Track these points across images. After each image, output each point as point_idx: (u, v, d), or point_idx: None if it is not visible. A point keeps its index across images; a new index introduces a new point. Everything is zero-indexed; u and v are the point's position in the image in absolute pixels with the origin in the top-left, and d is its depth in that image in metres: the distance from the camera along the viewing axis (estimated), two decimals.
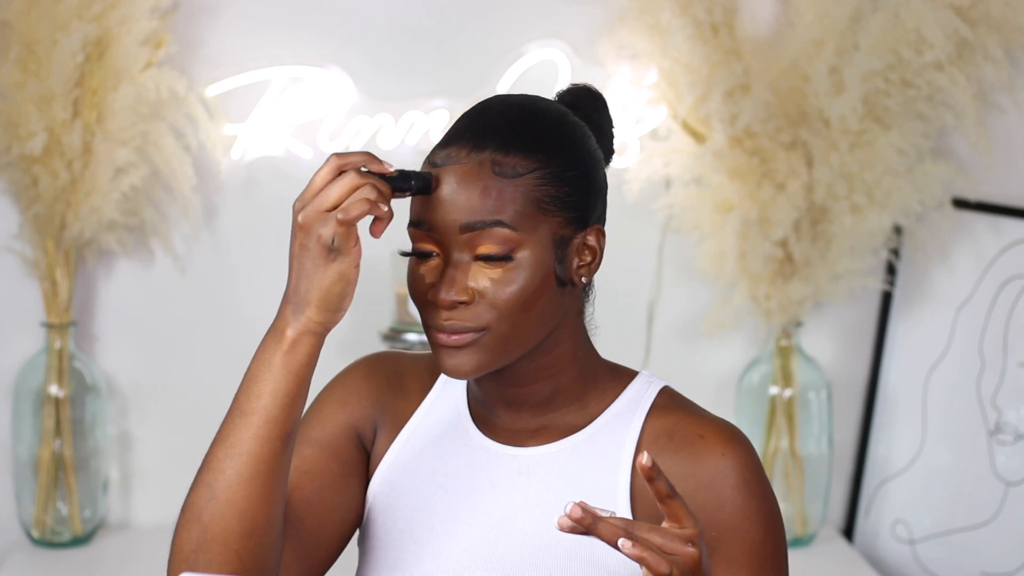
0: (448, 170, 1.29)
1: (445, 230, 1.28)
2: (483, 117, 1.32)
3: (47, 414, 2.46)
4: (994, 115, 2.54)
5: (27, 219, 2.42)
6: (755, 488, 1.30)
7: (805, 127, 2.47)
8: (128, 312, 2.59)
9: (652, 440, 1.33)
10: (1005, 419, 2.45)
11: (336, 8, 2.56)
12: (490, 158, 1.28)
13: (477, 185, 1.27)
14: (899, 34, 2.40)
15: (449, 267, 1.29)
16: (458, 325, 1.28)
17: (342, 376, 1.46)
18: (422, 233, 1.31)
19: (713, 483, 1.29)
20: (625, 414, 1.35)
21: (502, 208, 1.27)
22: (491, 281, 1.28)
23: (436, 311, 1.29)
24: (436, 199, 1.29)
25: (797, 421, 2.57)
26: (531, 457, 1.35)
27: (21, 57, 2.36)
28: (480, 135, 1.30)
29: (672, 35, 2.46)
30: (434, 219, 1.29)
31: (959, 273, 2.58)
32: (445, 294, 1.28)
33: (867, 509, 2.70)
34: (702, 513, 1.28)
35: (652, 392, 1.37)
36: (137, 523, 2.64)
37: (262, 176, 2.58)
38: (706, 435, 1.31)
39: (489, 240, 1.27)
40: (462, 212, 1.27)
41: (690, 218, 2.56)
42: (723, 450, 1.30)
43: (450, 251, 1.29)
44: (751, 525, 1.29)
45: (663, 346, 2.68)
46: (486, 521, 1.33)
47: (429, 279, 1.30)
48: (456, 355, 1.29)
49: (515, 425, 1.37)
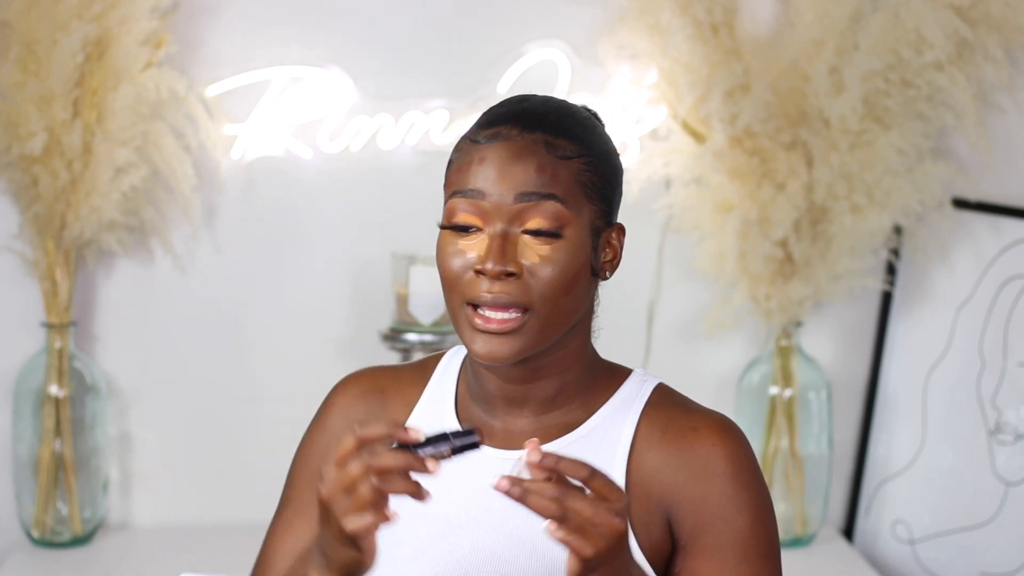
0: (499, 145, 1.29)
1: (498, 199, 1.27)
2: (526, 105, 1.33)
3: (47, 414, 2.46)
4: (994, 115, 2.54)
5: (27, 219, 2.42)
6: (745, 477, 1.31)
7: (805, 127, 2.48)
8: (128, 312, 2.59)
9: (647, 434, 1.33)
10: (1005, 419, 2.45)
11: (336, 8, 2.56)
12: (543, 138, 1.29)
13: (532, 160, 1.28)
14: (899, 34, 2.40)
15: (497, 238, 1.27)
16: (503, 298, 1.26)
17: (320, 419, 1.44)
18: (469, 203, 1.28)
19: (703, 473, 1.30)
20: (619, 412, 1.35)
21: (556, 184, 1.28)
22: (539, 257, 1.27)
23: (478, 283, 1.27)
24: (487, 170, 1.28)
25: (797, 421, 2.57)
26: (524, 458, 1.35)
27: (21, 57, 2.35)
28: (529, 118, 1.30)
29: (672, 35, 2.46)
30: (486, 187, 1.28)
31: (959, 273, 2.58)
32: (494, 264, 1.26)
33: (867, 509, 2.70)
34: (691, 502, 1.30)
35: (647, 390, 1.37)
36: (137, 523, 2.64)
37: (262, 176, 2.58)
38: (698, 427, 1.33)
39: (541, 214, 1.27)
40: (518, 182, 1.27)
41: (690, 218, 2.56)
42: (714, 440, 1.32)
43: (498, 222, 1.27)
44: (738, 513, 1.30)
45: (663, 346, 2.68)
46: (483, 526, 1.33)
47: (471, 253, 1.28)
48: (493, 339, 1.28)
49: (514, 426, 1.36)
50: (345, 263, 2.61)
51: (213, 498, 2.65)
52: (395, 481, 1.14)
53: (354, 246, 2.60)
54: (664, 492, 1.31)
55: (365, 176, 2.58)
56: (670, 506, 1.31)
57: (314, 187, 2.59)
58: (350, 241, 2.61)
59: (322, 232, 2.61)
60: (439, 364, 1.44)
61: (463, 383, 1.41)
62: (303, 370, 2.58)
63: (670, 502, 1.31)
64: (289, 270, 2.61)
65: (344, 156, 2.58)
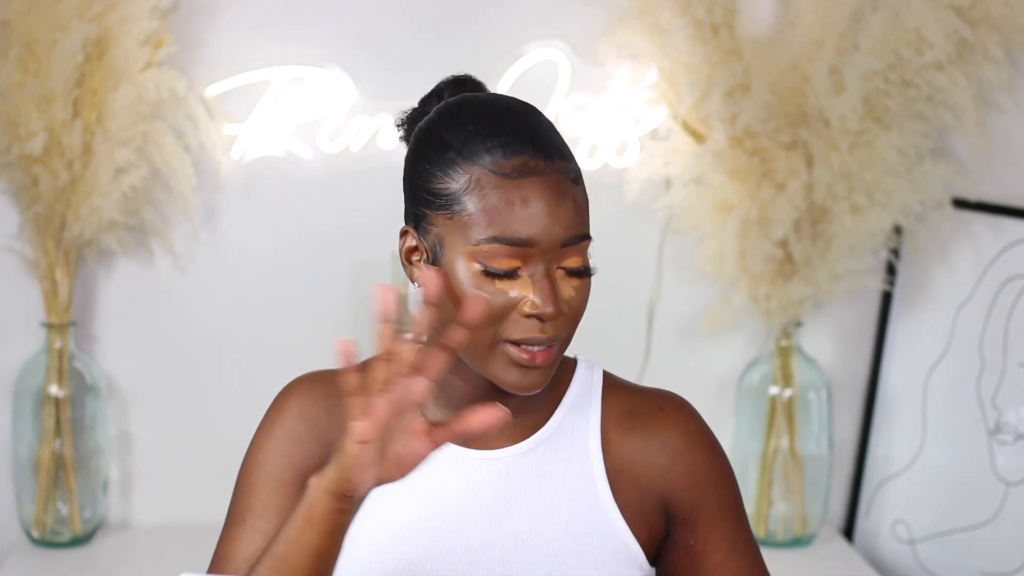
0: (536, 183, 1.25)
1: (548, 245, 1.25)
2: (527, 121, 1.29)
3: (47, 414, 2.47)
4: (994, 115, 2.54)
5: (27, 219, 2.42)
6: (717, 448, 1.39)
7: (805, 127, 2.48)
8: (128, 312, 2.59)
9: (616, 421, 1.37)
10: (1005, 419, 2.45)
11: (336, 8, 2.56)
12: (563, 166, 1.27)
13: (568, 197, 1.26)
14: (899, 34, 2.40)
15: (545, 279, 1.25)
16: (556, 338, 1.27)
17: (274, 421, 1.39)
18: (516, 250, 1.24)
19: (685, 450, 1.36)
20: (581, 400, 1.38)
21: (587, 220, 1.29)
22: (574, 291, 1.28)
23: (530, 325, 1.25)
24: (533, 215, 1.24)
25: (797, 421, 2.57)
26: (507, 458, 1.35)
27: (21, 57, 2.35)
28: (543, 142, 1.27)
29: (672, 35, 2.46)
30: (536, 235, 1.24)
31: (959, 273, 2.58)
32: (555, 308, 1.25)
33: (867, 509, 2.70)
34: (684, 478, 1.36)
35: (597, 375, 1.41)
36: (137, 523, 2.64)
37: (262, 176, 2.58)
38: (664, 407, 1.39)
39: (579, 254, 1.28)
40: (563, 227, 1.25)
41: (690, 218, 2.56)
42: (683, 418, 1.38)
43: (540, 264, 1.25)
44: (726, 481, 1.38)
45: (663, 346, 2.69)
46: (476, 527, 1.33)
47: (513, 292, 1.25)
48: (532, 372, 1.27)
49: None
50: (345, 263, 2.61)
51: (213, 498, 2.63)
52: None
53: (354, 246, 2.60)
54: (653, 476, 1.35)
55: (365, 176, 2.58)
56: (663, 487, 1.36)
57: (314, 187, 2.59)
58: (350, 241, 2.61)
59: (322, 232, 2.61)
60: None
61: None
62: (303, 370, 2.57)
63: (662, 483, 1.36)
64: (289, 270, 2.61)
65: (344, 156, 2.58)
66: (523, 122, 1.29)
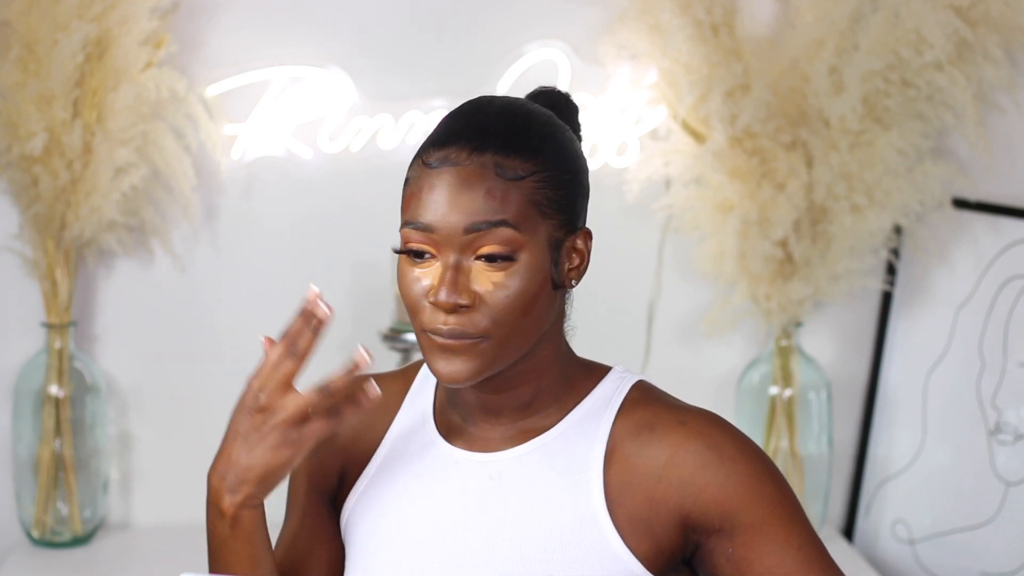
0: (448, 171, 1.27)
1: (448, 232, 1.27)
2: (479, 118, 1.31)
3: (47, 414, 2.46)
4: (994, 115, 2.54)
5: (27, 219, 2.42)
6: (751, 450, 1.32)
7: (805, 127, 2.48)
8: (128, 312, 2.59)
9: (634, 432, 1.33)
10: (1005, 419, 2.45)
11: (336, 8, 2.56)
12: (492, 160, 1.27)
13: (481, 186, 1.26)
14: (899, 34, 2.40)
15: (450, 269, 1.27)
16: (458, 330, 1.27)
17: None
18: (419, 235, 1.28)
19: (710, 462, 1.30)
20: (596, 411, 1.35)
21: (506, 208, 1.26)
22: (493, 284, 1.27)
23: (434, 314, 1.28)
24: (436, 201, 1.27)
25: (797, 421, 2.57)
26: (500, 461, 1.34)
27: (21, 57, 2.35)
28: (481, 136, 1.28)
29: (672, 35, 2.46)
30: (435, 221, 1.27)
31: (959, 273, 2.58)
32: (447, 296, 1.26)
33: (867, 509, 2.70)
34: (709, 490, 1.30)
35: (624, 387, 1.36)
36: (137, 523, 2.64)
37: (262, 176, 2.58)
38: (687, 421, 1.32)
39: (494, 240, 1.26)
40: (465, 214, 1.26)
41: (690, 218, 2.56)
42: (707, 431, 1.32)
43: (450, 253, 1.27)
44: (765, 486, 1.31)
45: (663, 346, 2.68)
46: (473, 530, 1.33)
47: (425, 281, 1.28)
48: (454, 361, 1.28)
49: (492, 432, 1.36)
50: (345, 263, 2.61)
51: None
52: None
53: (354, 246, 2.60)
54: (669, 490, 1.30)
55: (365, 176, 2.58)
56: (682, 500, 1.30)
57: (314, 187, 2.59)
58: (350, 241, 2.61)
59: (322, 232, 2.61)
60: (420, 372, 1.45)
61: (442, 391, 1.41)
62: (303, 370, 2.58)
63: (680, 497, 1.30)
64: (289, 270, 2.61)
65: (344, 156, 2.58)
66: (472, 118, 1.30)
